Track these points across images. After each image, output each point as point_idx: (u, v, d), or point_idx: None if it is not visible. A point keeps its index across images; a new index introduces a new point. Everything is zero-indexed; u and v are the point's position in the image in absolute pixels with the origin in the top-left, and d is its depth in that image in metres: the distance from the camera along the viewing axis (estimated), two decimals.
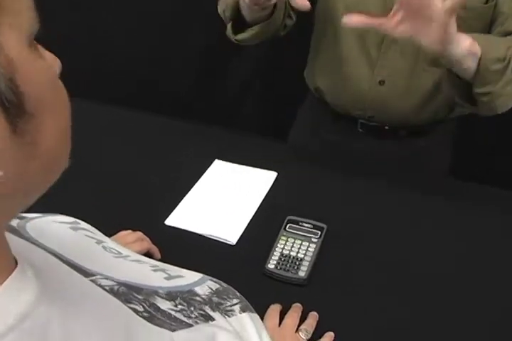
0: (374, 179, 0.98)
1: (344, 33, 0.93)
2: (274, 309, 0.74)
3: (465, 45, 0.71)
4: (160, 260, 0.72)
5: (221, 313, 0.37)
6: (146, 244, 0.80)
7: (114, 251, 0.42)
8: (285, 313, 0.74)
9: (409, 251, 0.85)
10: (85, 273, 0.34)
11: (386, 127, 1.02)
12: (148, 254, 0.79)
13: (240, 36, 0.90)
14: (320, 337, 0.71)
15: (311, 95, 1.11)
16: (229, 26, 0.92)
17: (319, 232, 0.86)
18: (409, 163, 1.01)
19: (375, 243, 0.87)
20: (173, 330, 0.32)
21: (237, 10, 0.87)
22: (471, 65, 0.73)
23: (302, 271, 0.81)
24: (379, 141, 1.05)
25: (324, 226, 0.87)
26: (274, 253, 0.83)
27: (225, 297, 0.40)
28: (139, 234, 0.81)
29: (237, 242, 0.87)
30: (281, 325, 0.71)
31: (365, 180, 0.98)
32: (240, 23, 0.90)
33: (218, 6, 0.93)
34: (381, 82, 0.95)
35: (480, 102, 0.78)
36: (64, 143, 0.26)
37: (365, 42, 0.92)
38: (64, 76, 0.28)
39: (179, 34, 1.56)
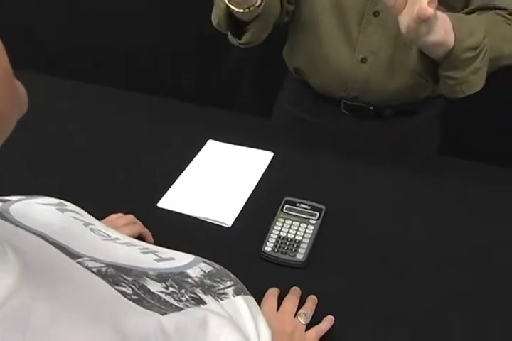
0: (367, 160, 0.98)
1: (321, 9, 0.90)
2: (272, 293, 0.74)
3: (438, 38, 0.70)
4: (153, 244, 0.72)
5: (213, 296, 0.38)
6: (138, 227, 0.79)
7: (102, 233, 0.42)
8: (283, 297, 0.74)
9: (408, 231, 0.86)
10: (72, 254, 0.34)
11: (371, 107, 1.01)
12: (140, 238, 0.79)
13: (244, 38, 0.89)
14: (319, 322, 0.71)
15: (291, 75, 1.10)
16: (229, 35, 0.92)
17: (317, 214, 0.87)
18: (397, 143, 1.00)
19: (375, 224, 0.87)
20: (163, 314, 0.32)
21: (229, 18, 0.87)
22: (440, 54, 0.74)
23: (300, 253, 0.81)
24: (364, 121, 1.04)
25: (323, 207, 0.88)
26: (271, 236, 0.83)
27: (218, 279, 0.41)
28: (131, 217, 0.81)
29: (232, 224, 0.87)
30: (279, 310, 0.72)
31: (359, 161, 0.98)
32: (238, 28, 0.90)
33: (212, 20, 0.91)
34: (363, 60, 0.93)
35: (442, 83, 0.79)
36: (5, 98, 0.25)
37: (345, 18, 0.90)
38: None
39: (173, 18, 1.59)
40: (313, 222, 0.85)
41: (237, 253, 0.82)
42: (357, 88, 0.98)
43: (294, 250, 0.81)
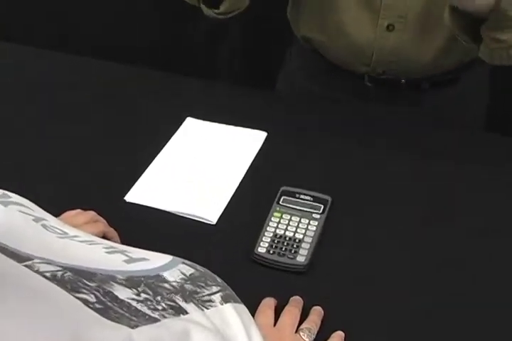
0: (388, 141, 0.99)
1: None
2: (267, 304, 0.75)
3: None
4: None
5: (196, 304, 0.38)
6: (101, 226, 0.80)
7: (57, 230, 0.43)
8: (281, 309, 0.75)
9: (435, 227, 0.86)
10: (18, 256, 0.34)
11: (402, 80, 1.03)
12: (104, 239, 0.79)
13: (222, 7, 0.90)
14: (326, 339, 0.72)
15: (299, 42, 1.10)
16: (203, 7, 0.92)
17: (322, 206, 0.87)
18: (433, 120, 1.01)
19: (391, 219, 0.88)
20: (134, 326, 0.32)
21: None
22: (483, 9, 0.74)
23: (301, 255, 0.81)
24: (393, 96, 1.06)
25: (328, 198, 0.88)
26: (265, 234, 0.84)
27: (202, 284, 0.41)
28: (91, 214, 0.81)
29: (217, 221, 0.88)
30: (277, 325, 0.72)
31: (378, 142, 0.99)
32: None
33: None
34: (389, 28, 0.94)
35: (485, 46, 0.79)
36: None
37: None
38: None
39: None
40: (317, 216, 0.86)
41: (223, 255, 0.82)
42: (383, 62, 0.99)
43: (293, 251, 0.82)
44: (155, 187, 0.92)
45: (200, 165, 0.96)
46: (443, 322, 0.74)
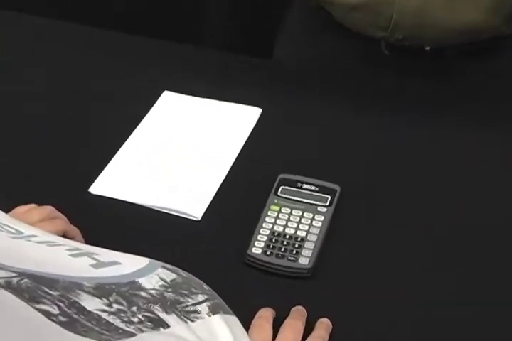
0: (408, 120, 0.99)
1: None
2: (264, 316, 0.75)
3: None
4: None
5: (179, 316, 0.38)
6: (60, 223, 0.80)
7: (10, 229, 0.43)
8: (281, 322, 0.75)
9: (461, 222, 0.87)
10: None
11: (426, 47, 1.02)
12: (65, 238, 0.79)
13: None
14: None
15: None
16: None
17: (329, 197, 0.87)
18: (462, 96, 1.01)
19: (411, 212, 0.88)
20: None
21: None
22: None
23: (304, 256, 0.82)
24: (414, 67, 1.05)
25: (336, 188, 0.88)
26: (261, 232, 0.84)
27: (186, 292, 0.42)
28: (48, 209, 0.81)
29: (202, 217, 0.88)
30: (277, 340, 0.72)
31: (395, 121, 0.99)
32: None
33: None
34: None
35: None
36: None
37: None
38: None
39: None
40: (323, 209, 0.86)
41: (210, 258, 0.83)
42: (404, 25, 0.99)
43: (295, 252, 0.82)
44: (126, 177, 0.92)
45: (180, 150, 0.95)
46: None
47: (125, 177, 0.92)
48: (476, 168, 0.93)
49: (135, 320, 0.36)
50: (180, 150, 0.96)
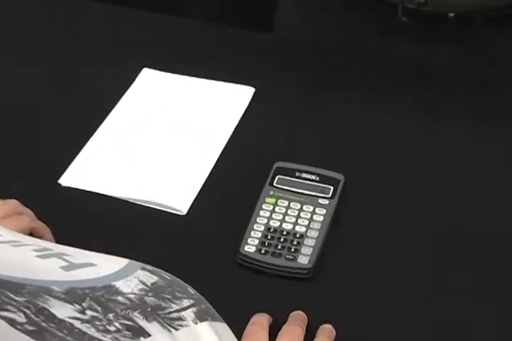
0: (425, 99, 0.99)
1: None
2: (258, 322, 0.75)
3: None
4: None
5: (162, 324, 0.38)
6: (26, 220, 0.80)
7: None
8: (278, 329, 0.75)
9: (477, 215, 0.88)
10: None
11: (450, 14, 1.02)
12: (31, 236, 0.78)
13: None
14: None
15: None
16: None
17: (331, 188, 0.87)
18: (491, 68, 1.01)
19: (423, 204, 0.89)
20: None
21: None
22: None
23: (304, 255, 0.82)
24: (436, 36, 1.05)
25: (340, 177, 0.89)
26: (255, 228, 0.84)
27: (169, 296, 0.41)
28: (13, 204, 0.81)
29: (188, 211, 0.88)
30: None
31: (408, 99, 0.99)
32: None
33: None
34: None
35: None
36: None
37: None
38: None
39: None
40: (325, 202, 0.86)
41: (197, 257, 0.83)
42: None
43: (293, 250, 0.82)
44: (101, 166, 0.92)
45: (162, 135, 0.95)
46: None
47: (100, 167, 0.92)
48: (493, 154, 0.94)
49: (112, 328, 0.36)
50: (163, 135, 0.95)
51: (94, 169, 0.92)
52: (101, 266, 0.43)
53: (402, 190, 0.90)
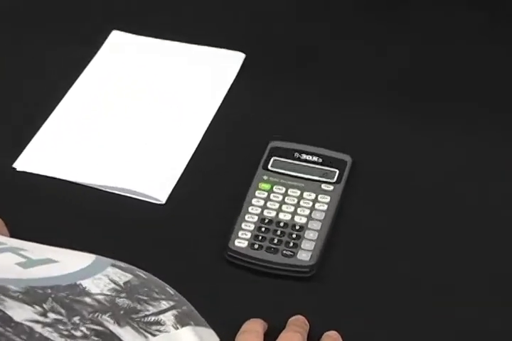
0: (432, 72, 1.00)
1: None
2: (252, 329, 0.75)
3: None
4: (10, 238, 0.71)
5: (137, 329, 0.39)
6: None
7: None
8: (275, 337, 0.75)
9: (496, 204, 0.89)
10: None
11: None
12: None
13: None
14: None
15: None
16: None
17: (337, 172, 0.88)
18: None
19: (440, 189, 0.89)
20: None
21: None
22: None
23: (304, 250, 0.82)
24: None
25: (347, 159, 0.89)
26: (246, 219, 0.84)
27: (145, 298, 0.42)
28: None
29: (168, 199, 0.88)
30: None
31: (422, 56, 1.00)
32: None
33: None
34: None
35: None
36: None
37: None
38: None
39: None
40: (329, 188, 0.86)
41: (179, 253, 0.83)
42: None
43: (292, 244, 0.83)
44: (62, 147, 0.92)
45: (136, 110, 0.95)
46: None
47: (61, 148, 0.92)
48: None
49: (78, 333, 0.36)
50: (136, 111, 0.95)
51: (55, 151, 0.91)
52: (64, 262, 0.43)
53: (418, 174, 0.91)
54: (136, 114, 0.95)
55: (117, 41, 1.01)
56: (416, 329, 0.79)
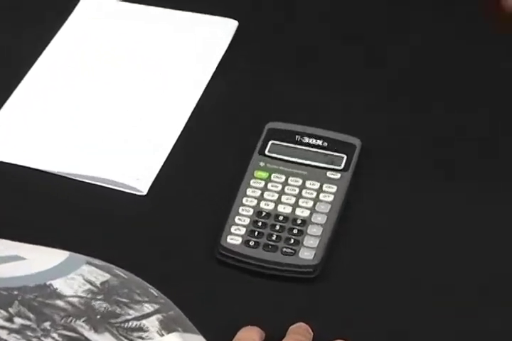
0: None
1: None
2: (248, 337, 0.76)
3: None
4: None
5: (116, 335, 0.39)
6: None
7: None
8: None
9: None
10: None
11: None
12: None
13: None
14: None
15: None
16: None
17: (344, 157, 0.88)
18: None
19: (461, 176, 0.91)
20: None
21: None
22: None
23: (308, 248, 0.82)
24: None
25: (356, 142, 0.89)
26: (241, 212, 0.85)
27: (125, 300, 0.42)
28: None
29: (150, 190, 0.89)
30: None
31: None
32: None
33: None
34: None
35: None
36: None
37: None
38: None
39: None
40: (336, 176, 0.87)
41: (164, 251, 0.84)
42: None
43: (293, 241, 0.83)
44: (27, 131, 0.92)
45: (113, 87, 0.96)
46: None
47: (27, 132, 0.92)
48: None
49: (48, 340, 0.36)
50: (113, 88, 0.96)
51: (19, 135, 0.92)
52: (32, 260, 0.44)
53: (437, 161, 0.91)
54: (113, 92, 0.95)
55: (88, 7, 1.02)
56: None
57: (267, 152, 0.88)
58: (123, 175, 0.88)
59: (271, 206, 0.84)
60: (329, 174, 0.86)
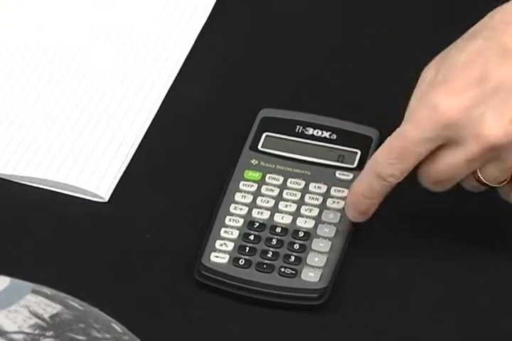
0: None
1: None
2: None
3: None
4: None
5: None
6: None
7: None
8: None
9: None
10: None
11: None
12: None
13: None
14: None
15: None
16: None
17: (358, 153, 0.88)
18: None
19: None
20: None
21: None
22: None
23: (312, 267, 0.81)
24: None
25: (373, 133, 0.89)
26: (227, 223, 0.84)
27: (80, 337, 0.42)
28: None
29: (112, 196, 0.89)
30: None
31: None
32: None
33: None
34: None
35: None
36: None
37: None
38: None
39: None
40: (347, 177, 0.86)
41: (131, 271, 0.83)
42: None
43: (293, 259, 0.82)
44: None
45: (68, 74, 0.97)
46: None
47: None
48: None
49: None
50: (68, 74, 0.97)
51: None
52: None
53: None
54: (68, 80, 0.97)
55: None
56: None
57: (260, 147, 0.88)
58: (81, 179, 0.89)
59: (265, 215, 0.84)
60: (339, 174, 0.86)
